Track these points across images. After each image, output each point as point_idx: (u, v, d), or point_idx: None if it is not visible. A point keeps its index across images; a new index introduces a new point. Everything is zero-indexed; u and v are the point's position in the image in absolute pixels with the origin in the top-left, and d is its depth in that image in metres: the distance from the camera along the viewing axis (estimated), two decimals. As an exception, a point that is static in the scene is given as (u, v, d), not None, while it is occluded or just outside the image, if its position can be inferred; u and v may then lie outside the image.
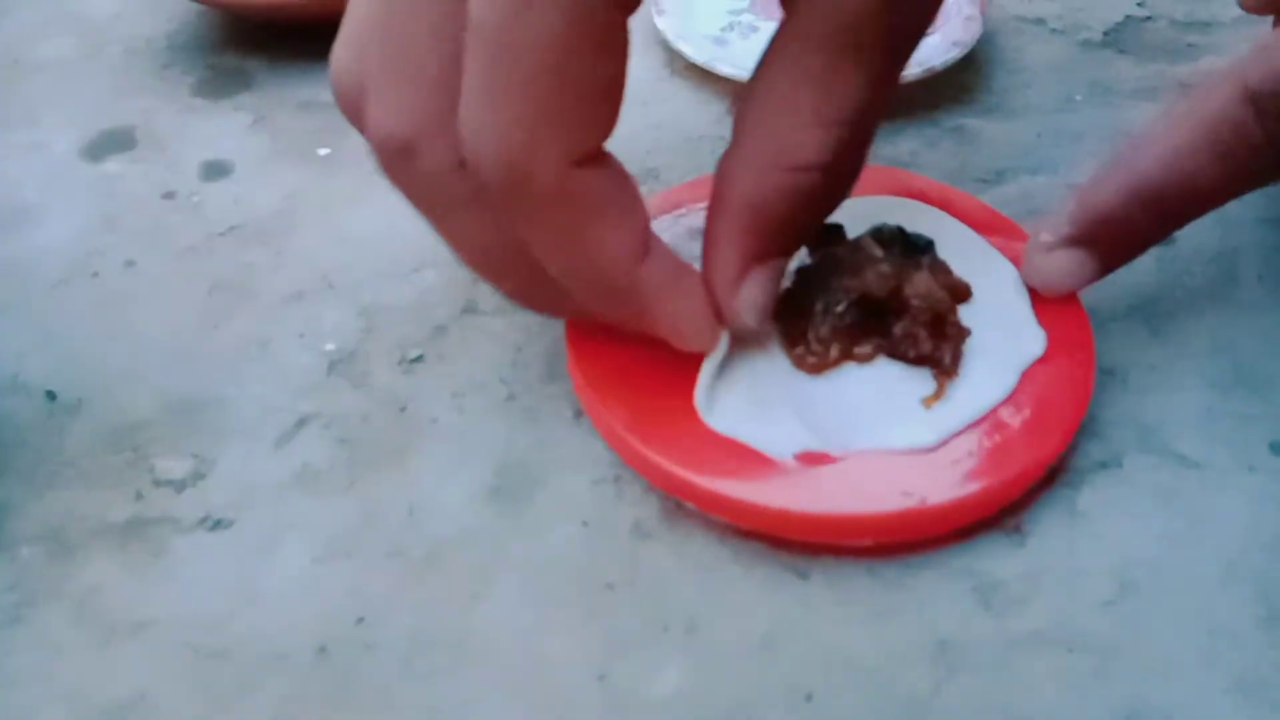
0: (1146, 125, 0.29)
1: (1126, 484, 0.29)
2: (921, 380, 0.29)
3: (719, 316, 0.28)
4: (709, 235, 0.27)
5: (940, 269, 0.31)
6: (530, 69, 0.22)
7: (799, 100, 0.25)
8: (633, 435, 0.28)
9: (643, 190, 0.37)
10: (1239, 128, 0.28)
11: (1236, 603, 0.26)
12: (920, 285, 0.29)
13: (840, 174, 0.27)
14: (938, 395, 0.29)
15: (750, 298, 0.27)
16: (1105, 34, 0.44)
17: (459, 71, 0.23)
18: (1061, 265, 0.30)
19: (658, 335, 0.28)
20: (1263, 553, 0.27)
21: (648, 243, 0.26)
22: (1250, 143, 0.28)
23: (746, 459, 0.27)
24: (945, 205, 0.34)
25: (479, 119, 0.23)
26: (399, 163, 0.26)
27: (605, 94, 0.24)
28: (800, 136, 0.25)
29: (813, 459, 0.27)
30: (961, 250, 0.32)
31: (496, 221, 0.26)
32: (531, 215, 0.25)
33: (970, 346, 0.29)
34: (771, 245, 0.27)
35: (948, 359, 0.29)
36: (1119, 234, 0.30)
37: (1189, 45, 0.43)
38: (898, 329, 0.29)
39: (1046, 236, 0.30)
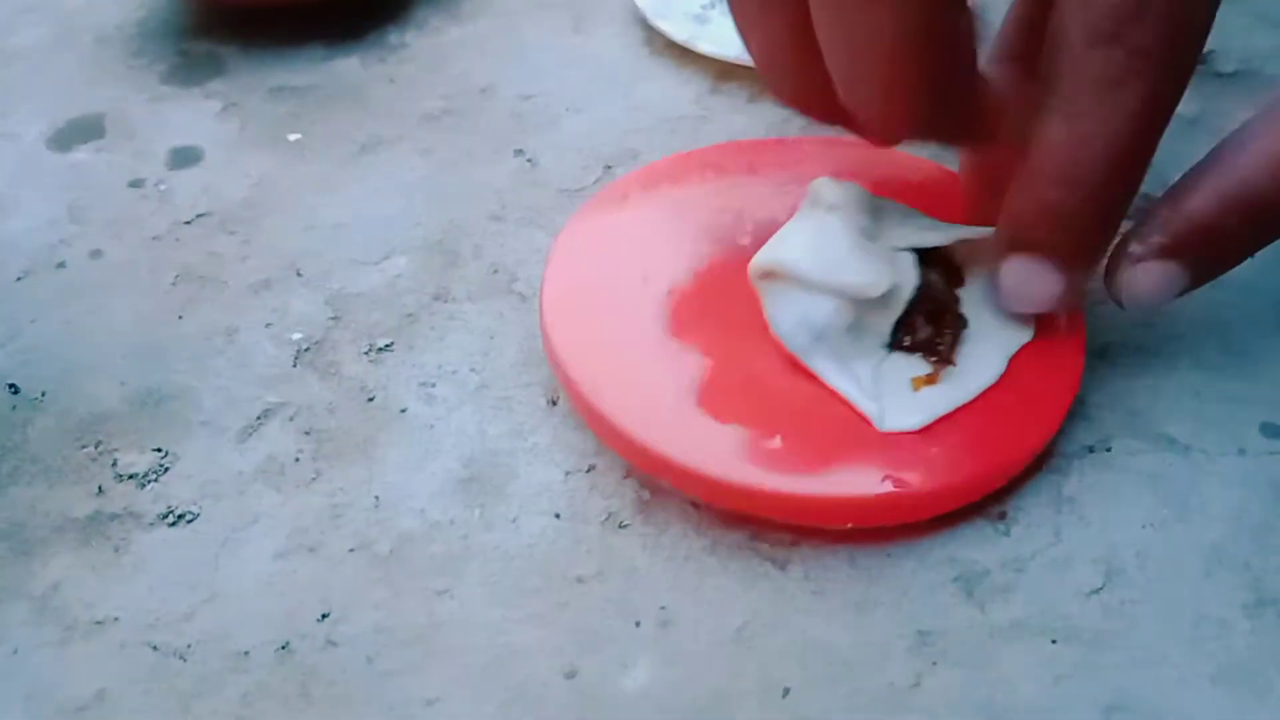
0: (1244, 126, 0.27)
1: (1114, 468, 0.28)
2: (911, 362, 0.28)
3: None
4: None
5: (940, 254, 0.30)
6: None
7: None
8: (613, 415, 0.27)
9: (620, 172, 0.37)
10: None
11: (1224, 589, 0.26)
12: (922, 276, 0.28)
13: None
14: (930, 379, 0.28)
15: None
16: (1095, 9, 0.43)
17: None
18: (1153, 279, 0.27)
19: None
20: (1251, 538, 0.26)
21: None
22: None
23: (725, 438, 0.27)
24: (930, 184, 0.33)
25: None
26: None
27: None
28: None
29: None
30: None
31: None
32: None
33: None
34: None
35: (945, 347, 0.28)
36: (1215, 244, 0.27)
37: (1181, 19, 0.42)
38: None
39: (1136, 248, 0.27)
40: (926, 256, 0.29)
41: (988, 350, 0.29)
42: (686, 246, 0.32)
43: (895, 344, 0.29)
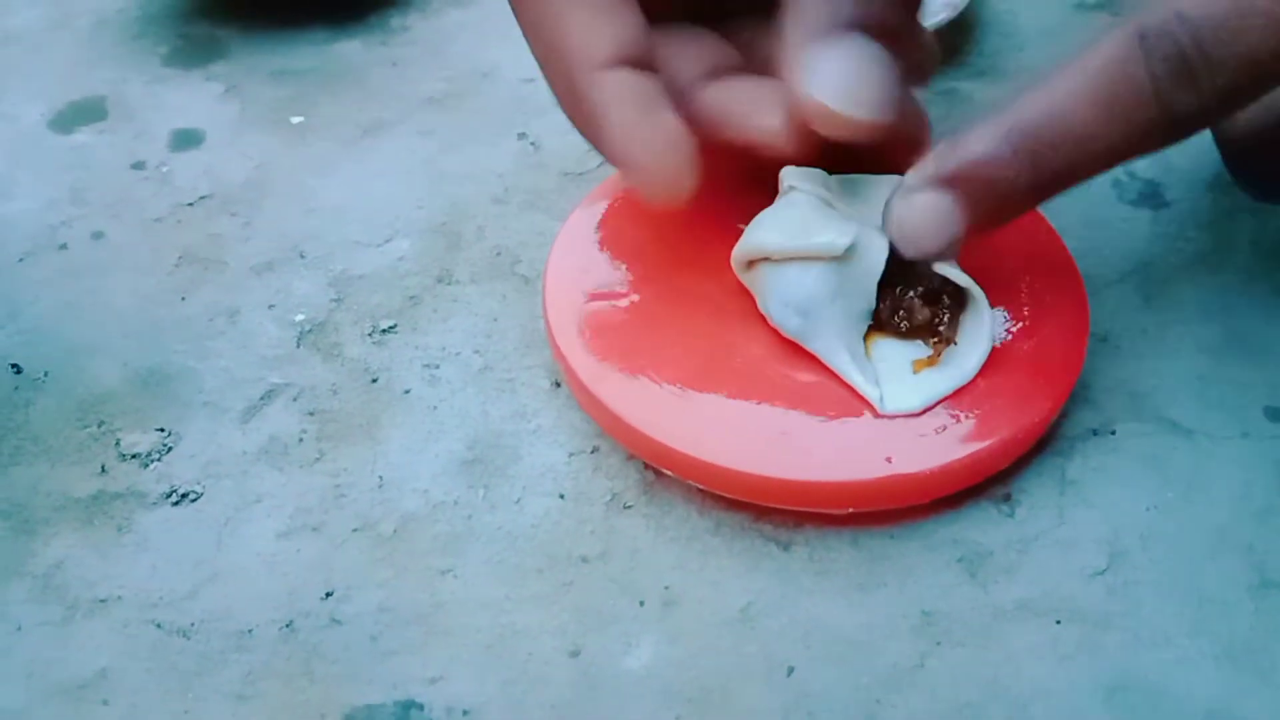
0: (1033, 77, 0.26)
1: (1118, 451, 0.28)
2: (911, 346, 0.28)
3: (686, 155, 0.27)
4: None
5: None
6: None
7: None
8: (613, 403, 0.27)
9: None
10: (1126, 71, 0.24)
11: (1227, 570, 0.26)
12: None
13: None
14: (930, 361, 0.28)
15: (827, 64, 0.26)
16: (1099, -4, 0.43)
17: None
18: (925, 211, 0.26)
19: (614, 159, 0.27)
20: (1254, 520, 0.26)
21: (623, 58, 0.26)
22: (1136, 88, 0.24)
23: (726, 426, 0.27)
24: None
25: None
26: None
27: None
28: None
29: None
30: None
31: None
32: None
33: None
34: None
35: (945, 327, 0.28)
36: (989, 181, 0.26)
37: (1185, 6, 0.42)
38: (888, 305, 0.28)
39: (910, 179, 0.27)
40: None
41: (987, 330, 0.28)
42: (686, 237, 0.31)
43: (893, 329, 0.28)
